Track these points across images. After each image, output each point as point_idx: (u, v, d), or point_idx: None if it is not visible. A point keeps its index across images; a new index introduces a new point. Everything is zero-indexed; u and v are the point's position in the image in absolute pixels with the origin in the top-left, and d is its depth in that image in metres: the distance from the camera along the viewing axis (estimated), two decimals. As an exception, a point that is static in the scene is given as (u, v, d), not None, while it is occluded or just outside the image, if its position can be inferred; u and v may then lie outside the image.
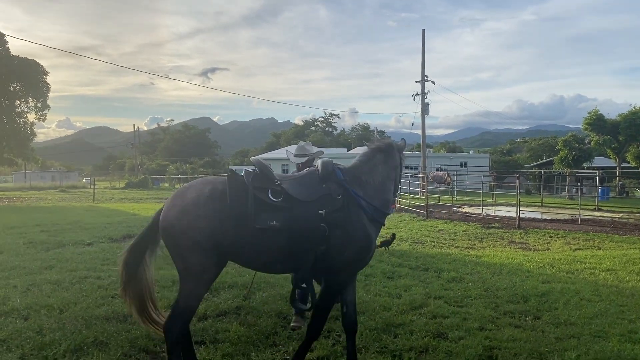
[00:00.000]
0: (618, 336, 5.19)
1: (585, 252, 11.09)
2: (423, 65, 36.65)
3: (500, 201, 26.02)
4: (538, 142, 75.79)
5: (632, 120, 37.21)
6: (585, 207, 21.16)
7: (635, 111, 38.97)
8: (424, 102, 37.01)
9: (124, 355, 4.55)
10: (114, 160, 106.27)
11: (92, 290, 6.80)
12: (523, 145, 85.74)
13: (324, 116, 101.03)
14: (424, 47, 36.20)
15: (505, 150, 77.92)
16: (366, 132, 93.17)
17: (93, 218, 17.64)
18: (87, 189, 47.54)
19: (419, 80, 37.04)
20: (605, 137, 38.25)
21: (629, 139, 38.35)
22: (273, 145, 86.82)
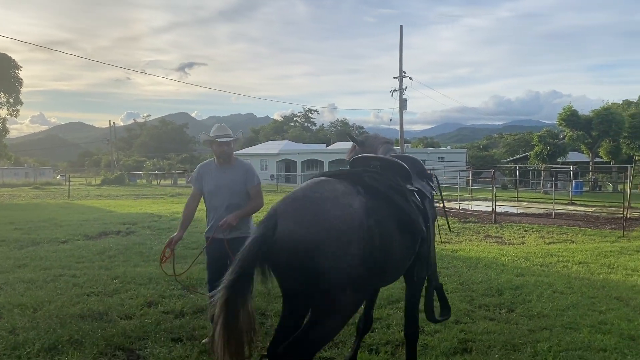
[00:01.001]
0: (589, 327, 5.31)
1: (559, 245, 11.31)
2: (401, 61, 36.82)
3: (477, 196, 26.37)
4: (514, 138, 76.91)
5: (604, 116, 37.99)
6: (559, 202, 21.55)
7: (608, 107, 39.80)
8: (401, 98, 37.21)
9: (100, 354, 4.51)
10: (89, 156, 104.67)
11: (67, 288, 6.72)
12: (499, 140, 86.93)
13: (303, 112, 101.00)
14: (402, 43, 36.34)
15: (482, 146, 78.93)
16: (345, 127, 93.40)
17: (68, 215, 17.37)
18: (62, 185, 46.72)
19: (397, 76, 37.21)
20: (579, 133, 38.96)
21: (602, 135, 39.14)
22: (252, 141, 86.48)
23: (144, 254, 9.44)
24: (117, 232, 12.59)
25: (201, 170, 4.94)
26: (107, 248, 9.96)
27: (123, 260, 8.88)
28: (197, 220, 6.39)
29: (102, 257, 9.11)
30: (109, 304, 5.96)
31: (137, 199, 27.73)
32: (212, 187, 4.78)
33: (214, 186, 4.78)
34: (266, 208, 3.63)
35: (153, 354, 4.51)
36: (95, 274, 7.54)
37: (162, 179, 55.68)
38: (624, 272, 8.27)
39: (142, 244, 10.59)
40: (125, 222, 14.37)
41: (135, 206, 22.01)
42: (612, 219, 16.65)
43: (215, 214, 4.75)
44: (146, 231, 12.67)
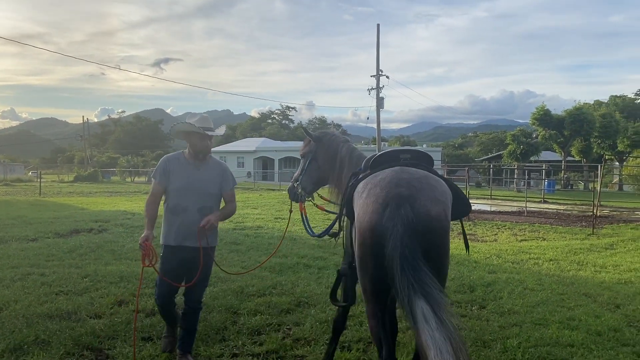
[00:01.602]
0: (557, 323, 5.41)
1: (531, 242, 11.49)
2: (378, 59, 36.98)
3: (452, 194, 26.61)
4: (488, 137, 77.91)
5: (576, 116, 38.73)
6: (531, 200, 21.93)
7: (580, 107, 40.58)
8: (379, 97, 37.38)
9: (67, 354, 4.42)
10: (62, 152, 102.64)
11: (35, 287, 6.56)
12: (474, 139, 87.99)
13: (281, 109, 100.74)
14: (379, 42, 36.49)
15: (457, 144, 79.78)
16: (323, 125, 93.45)
17: (39, 213, 17.01)
18: (33, 182, 45.74)
19: (374, 74, 37.36)
20: (552, 132, 39.66)
21: (574, 134, 39.91)
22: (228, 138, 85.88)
23: (116, 252, 9.29)
24: (89, 229, 12.37)
25: (169, 164, 4.24)
26: (78, 246, 9.77)
27: (94, 258, 8.73)
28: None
29: (73, 255, 8.94)
30: (79, 302, 5.85)
31: (111, 196, 27.31)
32: (181, 185, 4.18)
33: (184, 184, 4.18)
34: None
35: (122, 354, 4.44)
36: (65, 273, 7.38)
37: (136, 176, 54.98)
38: (593, 269, 8.45)
39: (115, 242, 10.42)
40: (98, 220, 14.14)
41: (108, 203, 21.68)
42: (582, 216, 17.00)
43: (184, 216, 4.17)
44: (119, 229, 12.47)
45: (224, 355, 4.49)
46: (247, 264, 8.26)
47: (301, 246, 9.86)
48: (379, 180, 3.07)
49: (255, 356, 4.48)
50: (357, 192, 3.22)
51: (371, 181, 3.13)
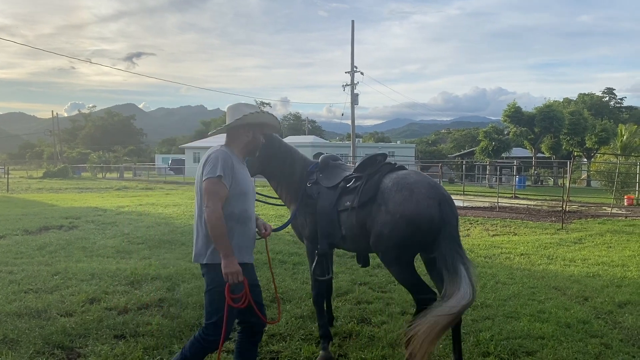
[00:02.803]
0: (528, 316, 5.51)
1: (502, 237, 11.68)
2: (352, 56, 37.05)
3: (426, 190, 26.87)
4: (461, 133, 78.80)
5: (546, 113, 39.48)
6: (503, 195, 22.29)
7: (550, 104, 41.41)
8: (353, 93, 37.48)
9: (37, 353, 4.32)
10: (30, 148, 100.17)
11: (2, 285, 6.40)
12: (447, 136, 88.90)
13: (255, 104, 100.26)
14: (354, 39, 36.57)
15: (430, 141, 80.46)
16: (298, 121, 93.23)
17: (6, 209, 16.59)
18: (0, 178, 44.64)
19: (349, 71, 37.44)
20: (523, 129, 40.36)
21: (544, 131, 40.69)
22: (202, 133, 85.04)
23: (87, 249, 9.13)
24: (59, 226, 12.11)
25: (232, 161, 3.39)
26: (47, 243, 9.56)
27: (65, 255, 8.55)
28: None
29: (42, 253, 8.74)
30: (49, 300, 5.73)
31: (81, 193, 26.79)
32: (247, 188, 3.46)
33: (248, 186, 3.49)
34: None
35: (94, 352, 4.37)
36: (35, 270, 7.22)
37: (108, 172, 54.03)
38: (562, 262, 8.64)
39: (86, 238, 10.23)
40: (68, 217, 13.84)
41: (79, 200, 21.27)
42: (552, 212, 17.35)
43: (251, 226, 3.52)
44: (90, 225, 12.25)
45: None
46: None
47: (276, 242, 9.84)
48: (415, 181, 4.08)
49: (230, 352, 4.44)
50: (388, 188, 4.10)
51: (404, 182, 4.08)
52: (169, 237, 10.16)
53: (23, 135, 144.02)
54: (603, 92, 70.36)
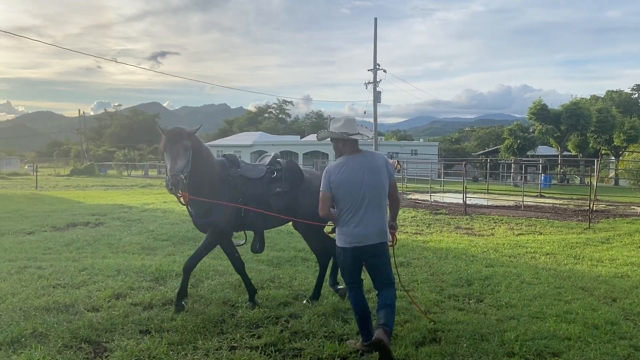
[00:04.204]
0: (554, 317, 5.42)
1: (527, 236, 11.52)
2: (375, 53, 36.89)
3: (448, 188, 26.68)
4: (485, 131, 77.93)
5: (572, 111, 38.74)
6: (528, 194, 21.96)
7: (576, 102, 40.59)
8: (375, 91, 37.31)
9: (65, 347, 4.41)
10: (58, 146, 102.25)
11: (32, 280, 6.54)
12: (471, 134, 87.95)
13: (278, 103, 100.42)
14: (376, 36, 36.40)
15: (454, 139, 79.81)
16: (320, 119, 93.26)
17: (35, 206, 16.96)
18: (29, 176, 45.60)
19: (371, 68, 37.27)
20: (548, 127, 39.68)
21: (570, 129, 39.95)
22: (225, 132, 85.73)
23: (112, 246, 9.27)
24: (85, 223, 12.34)
25: None
26: (75, 239, 9.75)
27: (91, 251, 8.71)
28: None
29: (70, 249, 8.92)
30: (76, 296, 5.83)
31: (107, 190, 27.25)
32: None
33: None
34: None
35: (120, 347, 4.44)
36: (62, 266, 7.37)
37: (133, 169, 54.85)
38: (589, 262, 8.48)
39: (112, 235, 10.40)
40: (95, 214, 14.09)
41: (105, 197, 21.63)
42: (578, 211, 17.05)
43: None
44: (116, 222, 12.45)
45: (222, 348, 4.49)
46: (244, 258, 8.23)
47: (298, 240, 9.85)
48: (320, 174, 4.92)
49: (254, 349, 4.48)
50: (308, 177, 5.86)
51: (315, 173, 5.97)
52: (193, 234, 10.25)
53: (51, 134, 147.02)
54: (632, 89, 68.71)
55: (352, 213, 4.31)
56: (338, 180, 4.34)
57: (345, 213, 4.34)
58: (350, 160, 4.41)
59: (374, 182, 4.33)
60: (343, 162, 4.41)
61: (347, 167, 4.36)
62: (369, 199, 4.30)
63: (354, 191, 4.30)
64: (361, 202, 4.30)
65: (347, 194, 4.31)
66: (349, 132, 4.43)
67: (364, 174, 4.32)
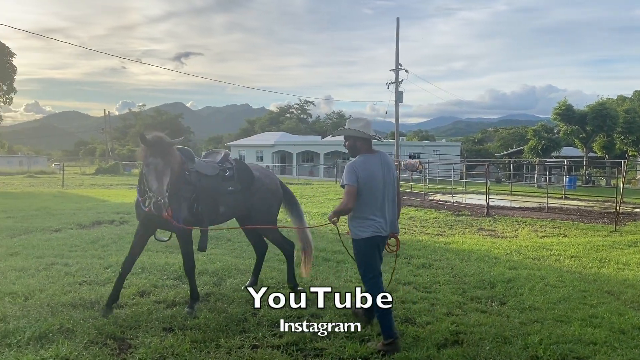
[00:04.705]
0: (579, 320, 5.34)
1: (552, 239, 11.36)
2: (397, 53, 36.74)
3: (471, 189, 26.43)
4: (509, 132, 76.87)
5: (599, 111, 38.03)
6: (552, 196, 21.64)
7: (603, 102, 39.84)
8: (397, 91, 37.15)
9: (91, 343, 4.50)
10: (84, 145, 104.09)
11: (58, 277, 6.68)
12: (494, 134, 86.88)
13: (299, 103, 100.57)
14: (399, 36, 36.25)
15: (476, 139, 78.85)
16: (341, 119, 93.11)
17: (61, 204, 17.30)
18: (56, 174, 46.50)
19: (393, 68, 37.13)
20: (574, 127, 39.03)
21: (596, 130, 39.21)
22: (247, 132, 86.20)
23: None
24: (110, 221, 12.54)
25: None
26: (100, 237, 9.91)
27: (116, 249, 8.85)
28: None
29: (95, 246, 9.08)
30: (101, 292, 5.94)
31: (132, 189, 27.60)
32: None
33: None
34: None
35: (144, 343, 4.50)
36: (88, 263, 7.50)
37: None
38: (616, 266, 8.33)
39: (136, 233, 10.53)
40: (119, 212, 14.31)
41: (129, 196, 21.92)
42: (604, 213, 16.74)
43: None
44: (140, 221, 12.61)
45: (244, 347, 4.53)
46: (267, 257, 8.28)
47: (319, 240, 9.88)
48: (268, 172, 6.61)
49: (275, 348, 4.51)
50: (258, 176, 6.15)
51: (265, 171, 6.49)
52: (215, 233, 10.34)
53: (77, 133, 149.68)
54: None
55: (373, 207, 4.65)
56: (364, 175, 4.62)
57: (368, 206, 4.65)
58: (370, 158, 4.74)
59: (390, 179, 4.77)
60: (366, 160, 4.71)
61: (370, 165, 4.68)
62: (386, 194, 4.72)
63: (376, 186, 4.65)
64: (382, 196, 4.68)
65: (371, 188, 4.63)
66: (369, 133, 4.78)
67: (383, 171, 4.72)
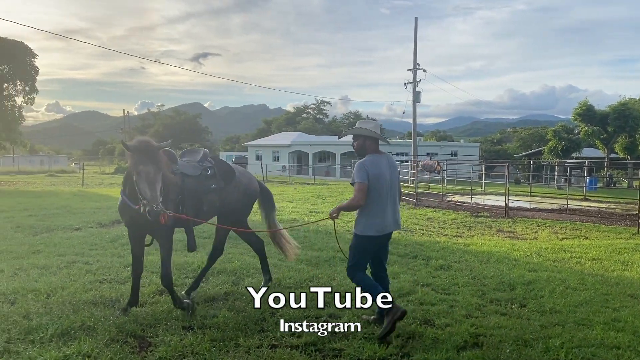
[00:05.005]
0: (602, 324, 5.26)
1: (572, 241, 11.20)
2: (415, 53, 36.53)
3: (490, 190, 26.18)
4: (528, 132, 76.02)
5: (621, 112, 37.44)
6: (573, 197, 21.35)
7: (625, 102, 39.20)
8: (415, 91, 36.93)
9: (111, 340, 4.55)
10: (103, 145, 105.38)
11: (80, 275, 6.78)
12: (513, 134, 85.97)
13: (316, 103, 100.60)
14: (417, 35, 36.06)
15: (495, 140, 78.13)
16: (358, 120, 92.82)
17: (82, 203, 17.53)
18: (76, 173, 47.15)
19: (411, 68, 36.93)
20: (595, 128, 38.46)
21: (618, 130, 38.60)
22: (264, 132, 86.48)
23: (156, 243, 9.46)
24: (129, 220, 12.65)
25: None
26: (119, 236, 10.01)
27: (136, 248, 8.92)
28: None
29: (115, 245, 9.18)
30: (122, 291, 6.01)
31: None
32: None
33: None
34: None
35: (164, 342, 4.54)
36: (108, 262, 7.60)
37: (175, 168, 55.94)
38: (639, 269, 8.18)
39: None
40: (138, 211, 14.44)
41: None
42: (626, 215, 16.46)
43: None
44: (158, 220, 12.72)
45: (262, 346, 4.54)
46: (283, 256, 8.30)
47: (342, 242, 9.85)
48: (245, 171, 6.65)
49: (294, 348, 4.51)
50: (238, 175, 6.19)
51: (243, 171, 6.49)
52: (233, 233, 10.39)
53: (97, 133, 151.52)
54: (685, 89, 65.90)
55: (379, 204, 4.86)
56: (373, 173, 4.81)
57: (374, 204, 4.84)
58: (379, 158, 4.95)
59: (394, 179, 5.03)
60: (375, 159, 4.92)
61: (379, 164, 4.90)
62: (391, 193, 4.94)
63: (383, 185, 4.85)
64: (386, 195, 4.89)
65: (379, 187, 4.83)
66: (378, 134, 5.07)
67: (389, 171, 4.95)
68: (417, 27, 35.98)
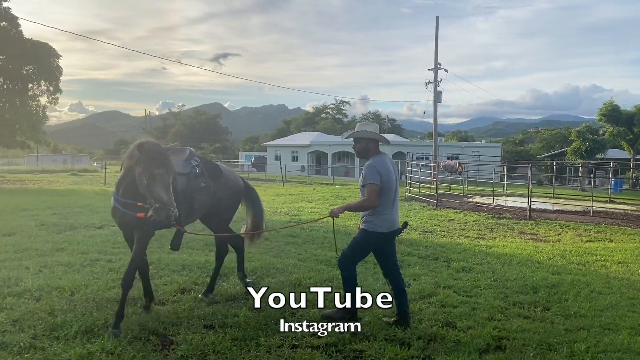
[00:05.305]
0: (628, 329, 5.15)
1: (597, 244, 11.00)
2: (436, 52, 36.30)
3: (512, 191, 25.86)
4: (551, 133, 74.97)
5: (648, 112, 36.72)
6: (597, 199, 20.96)
7: (651, 102, 38.40)
8: (436, 90, 36.70)
9: (134, 338, 4.59)
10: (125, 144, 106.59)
11: (103, 272, 6.86)
12: (536, 135, 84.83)
13: (335, 103, 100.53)
14: (438, 35, 35.82)
15: (517, 140, 77.17)
16: (377, 120, 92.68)
17: (104, 201, 17.73)
18: (98, 172, 47.82)
19: (432, 68, 36.70)
20: (620, 129, 37.76)
21: (644, 131, 37.88)
22: (283, 132, 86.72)
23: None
24: (151, 219, 12.78)
25: None
26: (141, 234, 10.11)
27: (157, 247, 8.98)
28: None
29: (137, 244, 9.26)
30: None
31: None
32: None
33: None
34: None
35: (186, 340, 4.57)
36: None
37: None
38: (666, 273, 7.99)
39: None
40: (160, 210, 14.58)
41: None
42: (653, 218, 16.10)
43: None
44: (179, 219, 12.83)
45: (283, 346, 4.54)
46: (303, 256, 8.31)
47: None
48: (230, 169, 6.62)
49: (315, 348, 4.50)
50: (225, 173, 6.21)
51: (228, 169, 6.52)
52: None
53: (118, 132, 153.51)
54: None
55: (389, 203, 5.02)
56: (385, 175, 4.97)
57: (385, 203, 4.98)
58: (384, 158, 5.09)
59: (397, 178, 5.23)
60: (381, 160, 5.05)
61: (386, 165, 5.03)
62: (396, 192, 5.14)
63: (391, 185, 5.02)
64: (394, 194, 5.08)
65: (389, 187, 4.99)
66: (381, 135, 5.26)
67: (394, 171, 5.13)
68: (438, 27, 35.76)
